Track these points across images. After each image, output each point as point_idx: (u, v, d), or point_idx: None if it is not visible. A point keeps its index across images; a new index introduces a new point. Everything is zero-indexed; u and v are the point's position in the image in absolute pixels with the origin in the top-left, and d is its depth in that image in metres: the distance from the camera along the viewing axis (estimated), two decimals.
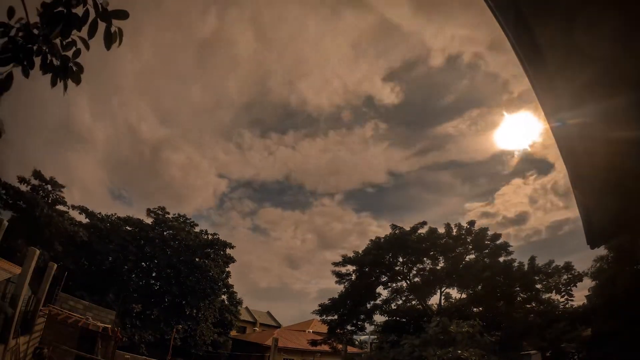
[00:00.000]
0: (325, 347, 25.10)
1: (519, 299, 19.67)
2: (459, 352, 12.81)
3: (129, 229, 28.44)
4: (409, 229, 22.21)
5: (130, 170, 59.17)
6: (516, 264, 19.56)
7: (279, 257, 69.00)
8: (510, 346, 16.62)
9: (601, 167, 3.41)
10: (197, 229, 31.06)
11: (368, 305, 23.32)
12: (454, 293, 22.58)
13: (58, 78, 1.81)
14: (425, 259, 22.20)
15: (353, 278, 23.21)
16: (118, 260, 26.18)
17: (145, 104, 60.98)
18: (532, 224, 58.14)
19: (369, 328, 24.37)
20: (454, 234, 21.66)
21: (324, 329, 26.25)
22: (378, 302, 23.32)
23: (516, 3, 2.20)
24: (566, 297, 18.11)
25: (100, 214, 28.00)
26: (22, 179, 22.16)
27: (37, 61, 1.75)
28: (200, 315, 27.71)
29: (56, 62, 1.81)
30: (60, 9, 1.67)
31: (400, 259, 22.56)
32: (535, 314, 18.26)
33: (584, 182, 3.53)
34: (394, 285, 23.21)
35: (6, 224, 11.70)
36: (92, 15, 1.76)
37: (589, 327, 15.20)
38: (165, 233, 29.23)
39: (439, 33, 53.05)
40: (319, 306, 23.50)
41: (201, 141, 63.12)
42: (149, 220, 29.39)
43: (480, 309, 20.19)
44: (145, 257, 28.05)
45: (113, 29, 1.83)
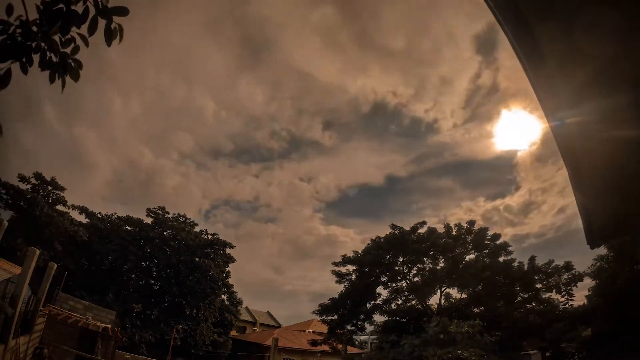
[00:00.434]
0: (325, 347, 25.09)
1: (519, 298, 19.67)
2: (459, 352, 12.81)
3: (129, 228, 28.45)
4: (408, 228, 22.22)
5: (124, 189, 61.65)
6: (516, 263, 19.56)
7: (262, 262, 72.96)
8: (510, 346, 16.62)
9: (601, 167, 3.41)
10: (197, 229, 31.08)
11: (368, 305, 23.31)
12: (454, 293, 22.59)
13: (57, 75, 1.81)
14: (425, 258, 22.19)
15: (353, 278, 23.21)
16: (118, 260, 26.17)
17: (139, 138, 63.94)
18: None
19: (369, 328, 24.39)
20: (453, 233, 21.65)
21: (324, 329, 26.25)
22: (378, 302, 23.31)
23: (516, 2, 2.20)
24: (566, 297, 18.11)
25: (100, 214, 28.02)
26: (22, 178, 22.17)
27: (36, 58, 1.75)
28: (200, 315, 27.70)
29: (55, 58, 1.80)
30: (60, 5, 1.67)
31: (400, 259, 22.56)
32: (535, 314, 18.26)
33: (584, 182, 3.53)
34: (393, 285, 23.20)
35: (6, 224, 11.71)
36: (92, 12, 1.76)
37: (589, 327, 15.19)
38: (165, 233, 29.23)
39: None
40: (319, 306, 23.51)
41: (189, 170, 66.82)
42: (149, 220, 29.40)
43: (480, 309, 20.18)
44: (145, 257, 28.05)
45: (113, 25, 1.83)
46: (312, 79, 65.64)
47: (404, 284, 22.91)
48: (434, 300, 22.80)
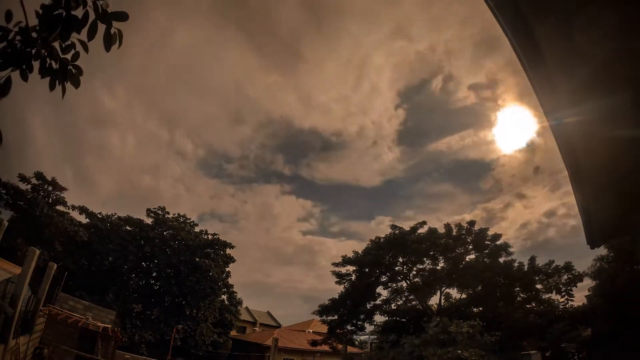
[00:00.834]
0: (325, 347, 25.09)
1: (519, 299, 19.68)
2: (459, 352, 12.81)
3: (129, 229, 28.43)
4: (408, 229, 22.22)
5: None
6: (516, 264, 19.56)
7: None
8: (510, 346, 16.62)
9: (601, 167, 3.41)
10: (197, 229, 31.07)
11: (368, 306, 23.31)
12: (454, 293, 22.61)
13: (57, 81, 1.80)
14: (425, 259, 22.19)
15: (353, 278, 23.22)
16: (118, 260, 26.16)
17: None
18: None
19: (369, 328, 24.39)
20: (454, 234, 21.64)
21: (324, 329, 26.26)
22: (378, 302, 23.32)
23: (515, 2, 2.20)
24: (566, 297, 18.12)
25: (100, 214, 28.01)
26: (22, 178, 22.17)
27: (36, 65, 1.74)
28: (200, 315, 27.69)
29: (55, 65, 1.80)
30: (60, 11, 1.67)
31: (400, 259, 22.56)
32: (535, 314, 18.27)
33: (584, 182, 3.53)
34: (393, 285, 23.20)
35: (6, 224, 11.70)
36: (92, 17, 1.75)
37: (589, 327, 15.20)
38: (165, 233, 29.21)
39: None
40: (319, 306, 23.53)
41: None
42: (149, 220, 29.39)
43: (480, 309, 20.19)
44: (145, 257, 28.04)
45: (113, 30, 1.82)
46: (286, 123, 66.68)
47: (404, 284, 22.92)
48: (434, 301, 22.83)
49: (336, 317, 23.37)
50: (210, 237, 30.60)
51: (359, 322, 23.62)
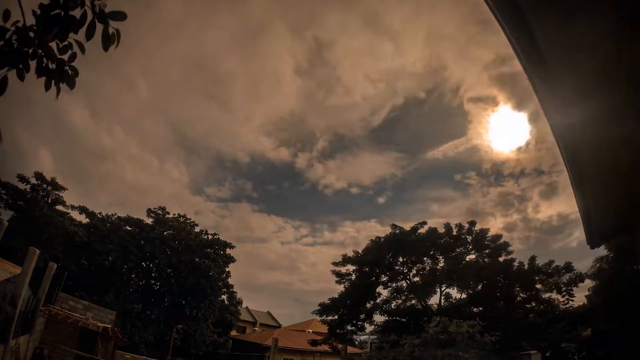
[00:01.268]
0: (325, 347, 25.09)
1: (519, 299, 19.66)
2: (459, 352, 12.81)
3: (129, 229, 28.44)
4: (409, 228, 22.22)
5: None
6: (516, 263, 19.55)
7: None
8: (510, 346, 16.62)
9: (601, 167, 3.41)
10: (197, 229, 31.06)
11: (368, 305, 23.30)
12: (454, 293, 22.59)
13: (52, 81, 1.80)
14: (425, 258, 22.19)
15: (353, 278, 23.21)
16: (118, 261, 26.16)
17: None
18: None
19: (369, 328, 24.37)
20: (454, 233, 21.64)
21: (324, 329, 26.25)
22: (378, 302, 23.31)
23: (515, 2, 2.19)
24: (566, 297, 18.10)
25: (100, 214, 28.04)
26: (22, 178, 22.18)
27: (33, 65, 1.73)
28: (200, 315, 27.70)
29: (52, 65, 1.79)
30: (58, 11, 1.66)
31: (400, 259, 22.55)
32: (535, 314, 18.26)
33: (584, 182, 3.53)
34: (394, 285, 23.19)
35: (6, 224, 11.68)
36: (90, 17, 1.74)
37: (589, 327, 15.19)
38: (165, 233, 29.20)
39: None
40: (319, 306, 23.51)
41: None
42: (149, 220, 29.39)
43: (480, 309, 20.18)
44: (145, 257, 28.03)
45: (111, 30, 1.82)
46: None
47: (404, 284, 22.91)
48: (434, 300, 22.82)
49: (336, 317, 23.36)
50: (210, 237, 30.60)
51: (359, 322, 23.60)
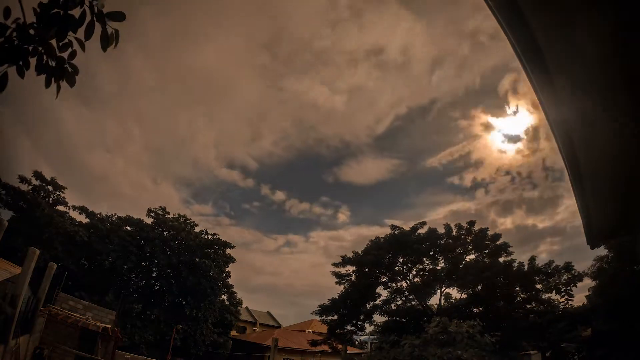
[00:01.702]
0: (325, 347, 25.09)
1: (519, 299, 19.66)
2: (459, 352, 12.80)
3: (129, 229, 28.44)
4: (408, 229, 22.22)
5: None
6: (516, 264, 19.55)
7: None
8: (510, 346, 16.61)
9: (601, 167, 3.41)
10: (197, 229, 31.05)
11: (368, 306, 23.30)
12: (454, 293, 22.60)
13: (52, 79, 1.80)
14: (425, 259, 22.19)
15: (353, 278, 23.21)
16: (118, 261, 26.16)
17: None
18: None
19: (369, 328, 24.39)
20: (453, 234, 21.64)
21: (324, 329, 26.25)
22: (378, 302, 23.32)
23: (516, 2, 2.19)
24: (566, 297, 18.10)
25: (100, 214, 28.04)
26: (22, 179, 22.19)
27: (33, 62, 1.73)
28: (200, 316, 27.69)
29: (52, 63, 1.79)
30: (57, 10, 1.66)
31: (400, 259, 22.56)
32: (535, 314, 18.25)
33: (584, 181, 3.53)
34: (393, 285, 23.20)
35: (6, 224, 11.68)
36: (89, 16, 1.75)
37: (589, 327, 15.20)
38: (165, 233, 29.20)
39: None
40: (319, 306, 23.51)
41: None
42: (149, 220, 29.38)
43: (480, 309, 20.18)
44: (145, 257, 28.03)
45: (110, 30, 1.82)
46: None
47: (404, 284, 22.92)
48: (434, 301, 22.83)
49: (336, 317, 23.36)
50: (210, 237, 30.59)
51: (358, 322, 23.61)
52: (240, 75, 60.33)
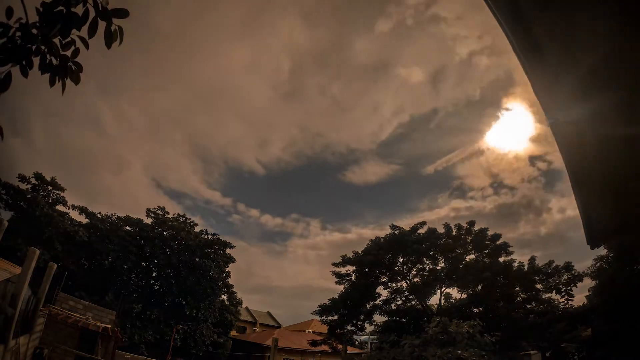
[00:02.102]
0: (325, 347, 25.08)
1: (519, 299, 19.67)
2: (459, 352, 12.80)
3: (128, 229, 28.43)
4: (408, 229, 22.22)
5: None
6: (516, 264, 19.56)
7: None
8: (510, 346, 16.62)
9: (601, 166, 3.41)
10: (196, 229, 31.04)
11: (368, 306, 23.31)
12: (454, 293, 22.61)
13: (57, 78, 1.80)
14: (425, 259, 22.20)
15: (353, 278, 23.21)
16: (118, 260, 26.16)
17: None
18: None
19: (369, 328, 24.40)
20: (453, 234, 21.65)
21: (324, 329, 26.24)
22: (378, 302, 23.32)
23: (515, 1, 2.19)
24: (566, 297, 18.11)
25: (100, 214, 28.02)
26: (22, 178, 22.18)
27: (36, 61, 1.74)
28: (200, 316, 27.67)
29: (55, 61, 1.79)
30: (60, 8, 1.67)
31: (400, 259, 22.56)
32: (535, 314, 18.26)
33: (584, 182, 3.53)
34: (393, 285, 23.21)
35: (6, 224, 11.67)
36: (92, 14, 1.75)
37: (589, 327, 15.20)
38: (165, 233, 29.18)
39: None
40: (319, 306, 23.50)
41: None
42: (149, 220, 29.37)
43: (480, 309, 20.18)
44: (145, 257, 28.03)
45: (113, 27, 1.82)
46: None
47: (404, 284, 22.92)
48: (434, 301, 22.84)
49: (336, 317, 23.36)
50: (210, 237, 30.57)
51: (358, 322, 23.61)
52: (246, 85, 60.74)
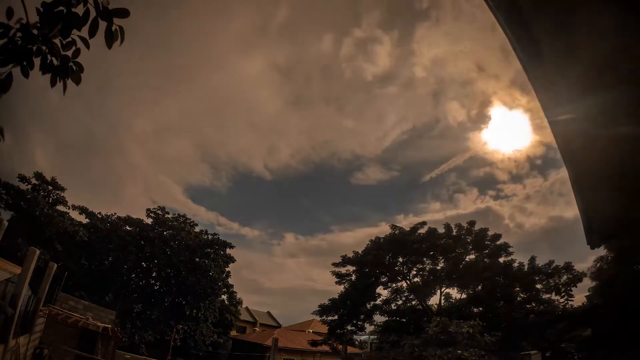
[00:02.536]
0: (325, 347, 25.08)
1: (519, 299, 19.67)
2: (459, 352, 12.80)
3: (128, 229, 28.42)
4: (408, 229, 22.23)
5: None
6: (516, 264, 19.56)
7: None
8: (510, 346, 16.61)
9: (601, 166, 3.41)
10: (196, 229, 31.03)
11: (368, 306, 23.30)
12: (454, 293, 22.62)
13: (58, 78, 1.80)
14: (425, 259, 22.19)
15: (353, 278, 23.21)
16: (118, 260, 26.16)
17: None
18: None
19: (369, 328, 24.39)
20: (453, 234, 21.64)
21: (324, 329, 26.24)
22: (378, 302, 23.32)
23: (515, 1, 2.20)
24: (566, 297, 18.11)
25: (100, 213, 28.01)
26: (22, 178, 22.18)
27: (37, 62, 1.74)
28: (200, 316, 27.68)
29: (56, 62, 1.80)
30: (61, 8, 1.67)
31: (400, 259, 22.56)
32: (535, 314, 18.26)
33: (584, 181, 3.53)
34: (394, 285, 23.20)
35: (6, 224, 11.68)
36: (93, 14, 1.75)
37: (589, 327, 15.20)
38: (165, 233, 29.17)
39: None
40: (319, 306, 23.51)
41: None
42: (149, 221, 29.36)
43: (480, 309, 20.18)
44: (145, 257, 28.02)
45: (114, 27, 1.82)
46: None
47: (404, 284, 22.92)
48: (434, 301, 22.83)
49: (336, 317, 23.36)
50: (210, 237, 30.57)
51: (359, 322, 23.61)
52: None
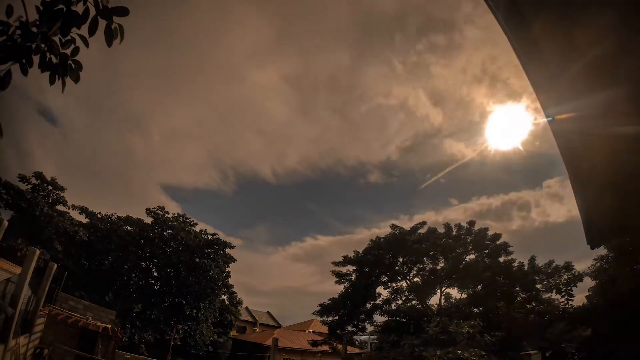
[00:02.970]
0: (325, 347, 25.08)
1: (519, 299, 19.67)
2: (459, 352, 12.81)
3: (128, 228, 28.40)
4: (408, 229, 22.23)
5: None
6: (516, 264, 19.56)
7: None
8: (510, 346, 16.60)
9: (601, 166, 3.40)
10: (197, 229, 31.00)
11: (368, 306, 23.31)
12: (454, 293, 22.61)
13: (57, 76, 1.80)
14: (425, 259, 22.19)
15: (353, 278, 23.21)
16: (118, 260, 26.14)
17: None
18: None
19: (369, 328, 24.38)
20: (453, 234, 21.65)
21: (324, 329, 26.24)
22: (378, 302, 23.32)
23: (515, 1, 2.19)
24: (566, 297, 18.10)
25: (100, 213, 28.00)
26: (22, 178, 22.18)
27: (36, 59, 1.74)
28: (200, 315, 27.67)
29: (55, 60, 1.80)
30: (60, 6, 1.67)
31: (400, 259, 22.56)
32: (535, 314, 18.26)
33: (584, 181, 3.52)
34: (394, 285, 23.21)
35: (6, 223, 11.67)
36: (93, 12, 1.75)
37: (589, 327, 15.19)
38: (165, 233, 29.15)
39: None
40: (319, 306, 23.50)
41: None
42: (149, 220, 29.35)
43: (480, 309, 20.18)
44: (145, 257, 28.02)
45: (114, 25, 1.82)
46: None
47: (404, 284, 22.93)
48: (434, 301, 22.83)
49: (336, 317, 23.36)
50: (210, 237, 30.55)
51: (359, 322, 23.61)
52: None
